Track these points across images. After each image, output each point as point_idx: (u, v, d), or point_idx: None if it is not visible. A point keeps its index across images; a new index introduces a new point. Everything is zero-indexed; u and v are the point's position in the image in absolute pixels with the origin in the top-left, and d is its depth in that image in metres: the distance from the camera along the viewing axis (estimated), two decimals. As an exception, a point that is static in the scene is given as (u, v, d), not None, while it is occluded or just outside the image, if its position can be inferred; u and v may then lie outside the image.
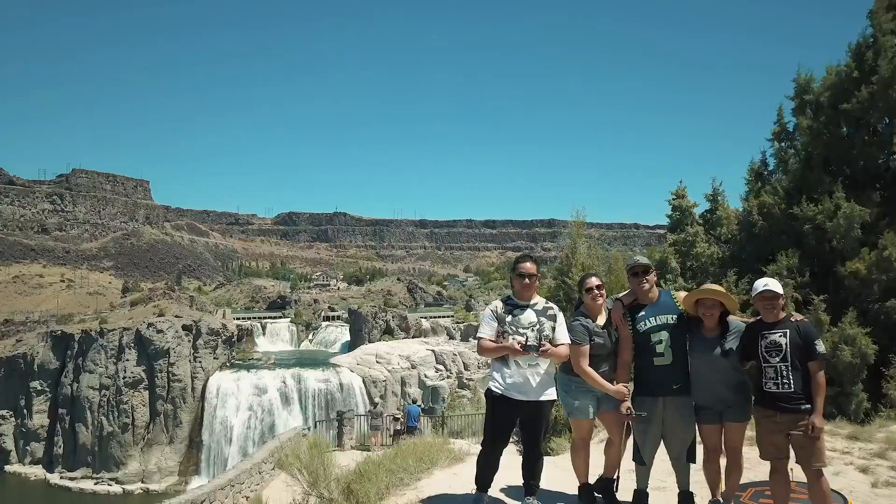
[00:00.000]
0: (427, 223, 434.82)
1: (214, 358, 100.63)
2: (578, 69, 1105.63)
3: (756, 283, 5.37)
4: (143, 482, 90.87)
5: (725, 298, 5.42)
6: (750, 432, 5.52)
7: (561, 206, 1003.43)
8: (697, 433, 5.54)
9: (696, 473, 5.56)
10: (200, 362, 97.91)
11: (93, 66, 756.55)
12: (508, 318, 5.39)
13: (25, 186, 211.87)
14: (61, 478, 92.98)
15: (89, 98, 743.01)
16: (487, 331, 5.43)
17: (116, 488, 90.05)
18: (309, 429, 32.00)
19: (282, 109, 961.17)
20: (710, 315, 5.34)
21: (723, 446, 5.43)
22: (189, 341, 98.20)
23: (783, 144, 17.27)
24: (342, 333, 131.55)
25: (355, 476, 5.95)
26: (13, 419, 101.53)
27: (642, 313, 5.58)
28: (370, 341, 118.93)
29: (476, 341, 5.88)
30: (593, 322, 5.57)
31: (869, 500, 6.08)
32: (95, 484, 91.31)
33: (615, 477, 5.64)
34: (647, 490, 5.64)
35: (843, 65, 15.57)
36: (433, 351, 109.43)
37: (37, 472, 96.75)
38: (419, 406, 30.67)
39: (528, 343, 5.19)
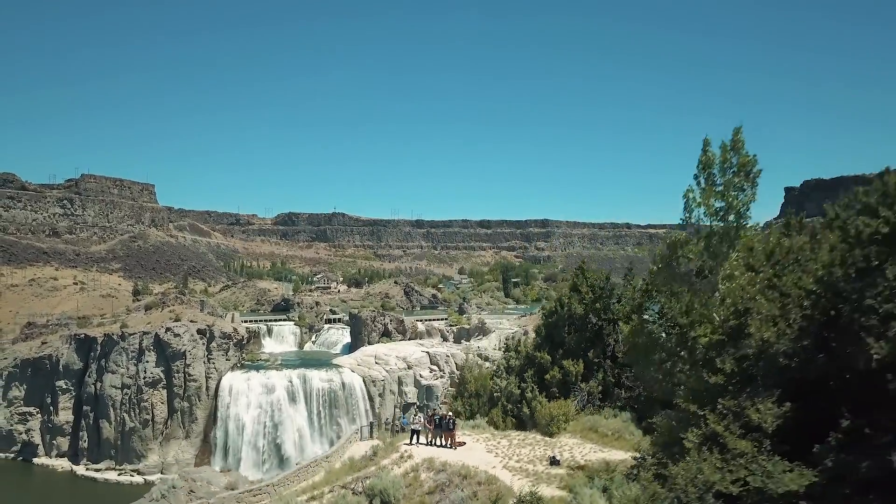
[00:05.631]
0: (423, 223, 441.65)
1: (227, 359, 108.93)
2: (574, 69, 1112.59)
3: (435, 414, 30.84)
4: (162, 473, 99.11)
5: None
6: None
7: (555, 205, 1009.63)
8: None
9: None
10: (214, 363, 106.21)
11: (94, 68, 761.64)
12: (412, 418, 30.55)
13: (37, 192, 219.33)
14: (87, 469, 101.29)
15: (91, 100, 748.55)
16: (415, 423, 29.98)
17: (138, 479, 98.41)
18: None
19: (281, 110, 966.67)
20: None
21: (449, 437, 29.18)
22: (203, 344, 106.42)
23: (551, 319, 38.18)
24: (343, 335, 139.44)
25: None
26: (39, 415, 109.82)
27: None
28: (369, 343, 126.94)
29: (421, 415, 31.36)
30: (424, 417, 29.72)
31: (473, 443, 28.55)
32: (119, 475, 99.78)
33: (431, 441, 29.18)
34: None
35: (564, 296, 36.79)
36: (428, 353, 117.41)
37: (63, 464, 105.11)
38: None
39: (414, 426, 29.25)
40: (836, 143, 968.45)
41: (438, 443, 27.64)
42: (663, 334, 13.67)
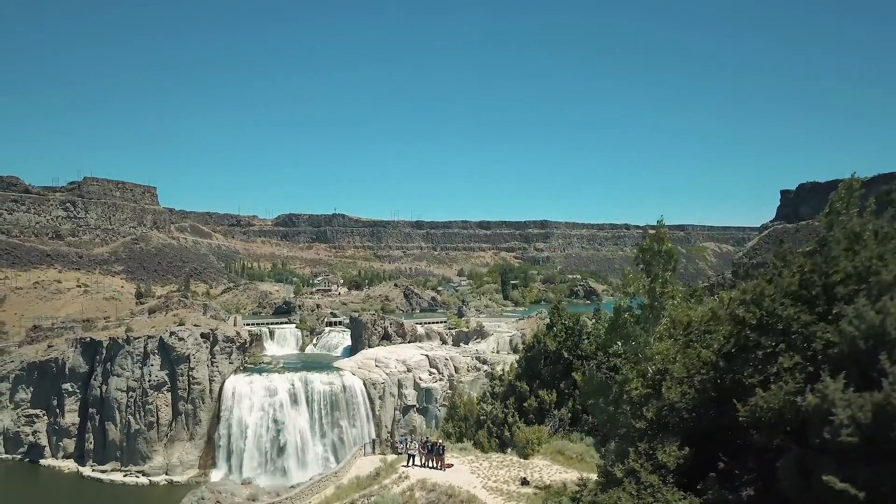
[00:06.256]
0: (423, 224, 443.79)
1: (230, 362, 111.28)
2: (574, 69, 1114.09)
3: (428, 441, 33.91)
4: (166, 474, 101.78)
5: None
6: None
7: (554, 206, 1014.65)
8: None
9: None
10: (217, 366, 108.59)
11: (94, 68, 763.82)
12: (409, 444, 33.69)
13: (40, 195, 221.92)
14: (93, 471, 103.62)
15: (92, 100, 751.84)
16: (411, 448, 33.27)
17: (143, 480, 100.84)
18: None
19: (281, 110, 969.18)
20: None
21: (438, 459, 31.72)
22: (207, 348, 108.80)
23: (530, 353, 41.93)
24: (344, 338, 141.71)
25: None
26: (46, 417, 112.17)
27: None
28: (370, 346, 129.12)
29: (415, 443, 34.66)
30: (418, 443, 33.22)
31: (459, 465, 31.52)
32: (124, 476, 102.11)
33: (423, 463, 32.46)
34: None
35: (540, 333, 40.41)
36: (427, 355, 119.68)
37: (69, 465, 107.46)
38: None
39: (410, 451, 32.69)
40: (833, 144, 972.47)
41: (430, 465, 31.35)
42: (609, 378, 16.01)
